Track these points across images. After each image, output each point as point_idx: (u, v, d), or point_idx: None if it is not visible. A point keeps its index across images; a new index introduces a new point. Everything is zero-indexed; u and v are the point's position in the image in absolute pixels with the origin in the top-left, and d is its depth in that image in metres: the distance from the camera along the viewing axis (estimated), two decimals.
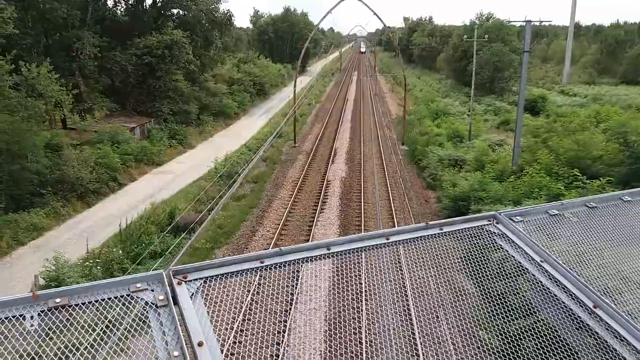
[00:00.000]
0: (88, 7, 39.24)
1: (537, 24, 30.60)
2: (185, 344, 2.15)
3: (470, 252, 3.20)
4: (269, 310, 2.67)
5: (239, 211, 25.28)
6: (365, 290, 3.22)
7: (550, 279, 2.97)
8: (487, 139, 35.77)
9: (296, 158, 36.98)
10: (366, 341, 11.80)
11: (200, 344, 2.16)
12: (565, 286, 2.92)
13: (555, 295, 2.89)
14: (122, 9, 47.62)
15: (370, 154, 38.05)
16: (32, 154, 26.21)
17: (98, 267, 19.35)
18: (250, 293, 2.63)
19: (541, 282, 2.98)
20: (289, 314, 12.51)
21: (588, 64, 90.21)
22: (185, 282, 2.48)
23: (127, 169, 31.98)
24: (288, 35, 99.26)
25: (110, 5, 46.61)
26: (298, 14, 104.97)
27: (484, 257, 3.23)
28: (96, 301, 2.28)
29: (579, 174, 21.25)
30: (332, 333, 11.13)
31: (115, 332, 2.24)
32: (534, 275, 3.02)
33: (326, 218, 24.83)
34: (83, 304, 2.26)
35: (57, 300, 2.23)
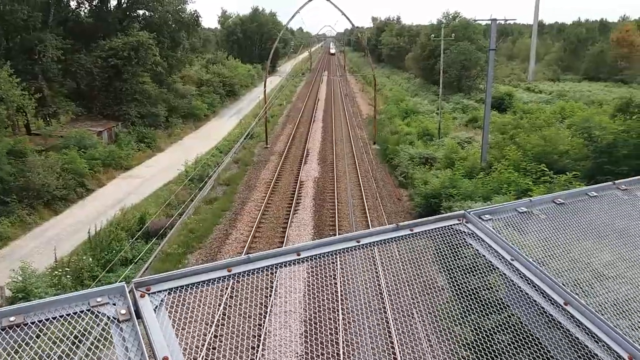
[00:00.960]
0: (50, 8, 38.17)
1: (502, 22, 31.19)
2: None
3: (441, 252, 3.19)
4: (241, 320, 2.58)
5: (211, 214, 24.97)
6: (340, 293, 3.17)
7: (521, 277, 2.98)
8: (456, 137, 36.27)
9: (268, 159, 36.78)
10: (343, 341, 11.80)
11: (165, 359, 2.08)
12: (536, 284, 2.93)
13: (526, 293, 2.90)
14: (85, 10, 46.59)
15: (343, 153, 38.14)
16: None
17: (67, 277, 18.84)
18: (220, 303, 2.54)
19: (512, 280, 2.99)
20: (264, 323, 12.32)
21: (552, 62, 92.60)
22: (149, 294, 2.38)
23: (94, 174, 31.25)
24: (257, 36, 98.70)
25: (73, 7, 45.55)
26: (266, 14, 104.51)
27: (455, 256, 3.22)
28: (54, 318, 2.17)
29: (546, 169, 21.71)
30: (310, 336, 11.09)
31: (75, 351, 2.13)
32: (504, 273, 3.02)
33: (300, 219, 24.75)
34: (40, 321, 2.14)
35: (11, 319, 2.10)
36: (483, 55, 51.25)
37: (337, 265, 2.92)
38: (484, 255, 3.16)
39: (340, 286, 2.98)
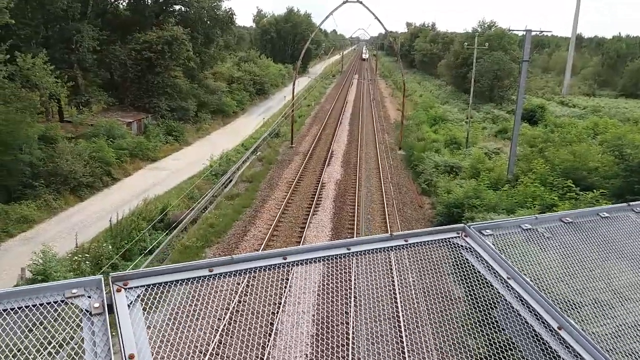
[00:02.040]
0: (89, 0, 39.07)
1: (538, 33, 30.54)
2: (115, 356, 2.03)
3: (435, 265, 3.09)
4: (209, 322, 2.53)
5: (232, 210, 25.13)
6: (319, 300, 3.10)
7: (516, 297, 2.86)
8: (484, 147, 35.69)
9: (292, 159, 36.86)
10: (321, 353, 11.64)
11: (131, 357, 2.04)
12: (531, 305, 2.80)
13: (520, 315, 2.78)
14: (124, 3, 47.61)
15: (367, 157, 37.96)
16: (26, 146, 26.05)
17: (87, 262, 19.23)
18: (198, 303, 2.49)
19: (506, 299, 2.87)
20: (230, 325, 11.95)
21: (588, 76, 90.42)
22: (125, 289, 2.35)
23: (121, 164, 31.84)
24: (290, 36, 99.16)
25: (112, 0, 46.56)
26: (301, 14, 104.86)
27: (450, 271, 3.12)
28: (26, 307, 2.16)
29: (572, 184, 21.16)
30: (283, 346, 10.82)
31: (42, 342, 2.11)
32: (499, 292, 2.91)
33: (319, 220, 24.71)
34: (12, 309, 2.13)
35: None
36: (516, 66, 50.35)
37: (323, 272, 2.85)
38: (480, 272, 3.04)
39: (324, 294, 2.91)
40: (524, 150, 30.38)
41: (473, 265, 3.07)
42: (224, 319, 10.55)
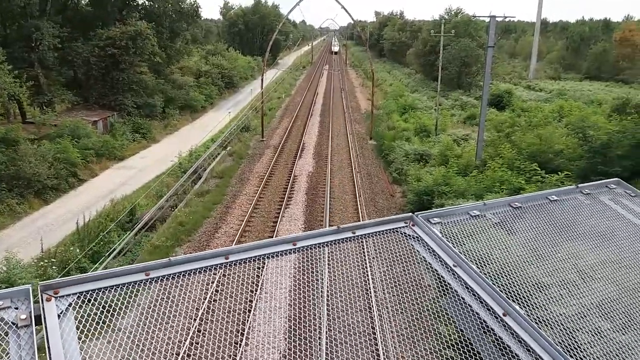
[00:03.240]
0: None
1: (502, 19, 30.91)
2: None
3: (384, 256, 3.07)
4: (159, 329, 2.44)
5: (202, 207, 24.85)
6: (258, 298, 3.05)
7: (462, 285, 2.86)
8: (453, 134, 36.08)
9: (263, 152, 36.65)
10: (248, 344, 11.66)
11: None
12: (476, 292, 2.81)
13: (467, 303, 2.79)
14: None
15: (339, 148, 37.99)
16: None
17: (53, 267, 18.76)
18: (135, 309, 2.41)
19: (453, 288, 2.87)
20: (189, 332, 11.19)
21: (554, 60, 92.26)
22: (56, 297, 2.26)
23: (87, 164, 31.11)
24: (259, 28, 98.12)
25: None
26: (269, 5, 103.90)
27: (399, 261, 3.11)
28: None
29: (537, 168, 21.57)
30: (233, 343, 10.65)
31: None
32: (445, 280, 2.91)
33: (292, 214, 24.65)
34: None
35: None
36: (484, 52, 50.87)
37: (267, 269, 2.80)
38: (427, 261, 3.04)
39: (266, 291, 2.87)
40: (491, 135, 30.83)
41: (421, 254, 3.07)
42: (170, 325, 10.45)
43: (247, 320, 10.54)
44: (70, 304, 2.25)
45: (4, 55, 27.91)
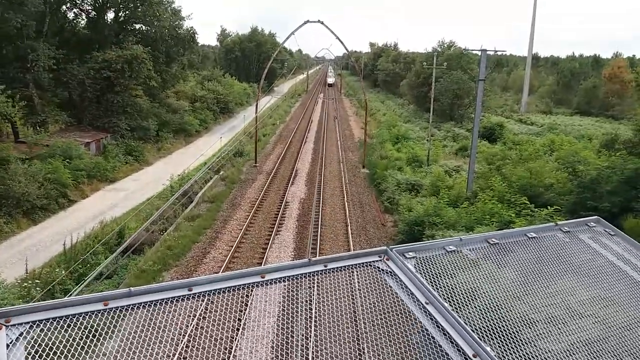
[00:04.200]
0: (45, 17, 38.22)
1: (493, 53, 31.44)
2: None
3: (356, 291, 3.01)
4: None
5: (192, 232, 24.62)
6: (238, 330, 2.96)
7: (433, 324, 2.80)
8: (444, 165, 36.27)
9: (256, 178, 36.60)
10: None
11: None
12: (447, 332, 2.75)
13: (436, 341, 2.72)
14: (82, 22, 46.80)
15: (331, 176, 38.03)
16: None
17: (37, 289, 18.42)
18: (91, 341, 2.32)
19: (424, 326, 2.80)
20: None
21: (545, 94, 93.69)
22: (7, 326, 2.18)
23: (78, 185, 30.91)
24: (255, 55, 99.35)
25: (71, 17, 45.77)
26: (265, 34, 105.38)
27: (371, 297, 3.04)
28: None
29: (527, 201, 21.61)
30: None
31: None
32: (417, 318, 2.85)
33: (282, 240, 24.47)
34: None
35: None
36: (475, 85, 51.69)
37: (234, 303, 2.73)
38: (400, 297, 2.98)
39: (237, 328, 2.77)
40: (482, 167, 31.00)
41: (393, 290, 3.01)
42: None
43: None
44: (21, 334, 2.17)
45: (2, 76, 27.92)
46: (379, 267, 3.12)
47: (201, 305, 2.59)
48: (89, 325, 2.30)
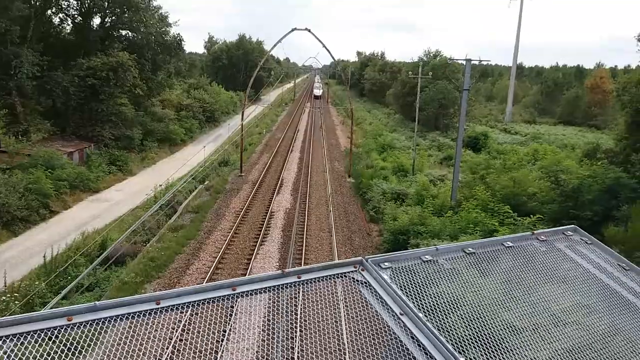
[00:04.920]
0: (30, 22, 37.77)
1: (477, 62, 31.82)
2: None
3: (330, 302, 2.97)
4: None
5: (175, 243, 24.36)
6: (202, 350, 2.90)
7: (407, 334, 2.77)
8: (429, 174, 36.50)
9: (241, 187, 36.43)
10: None
11: None
12: (421, 342, 2.72)
13: (410, 353, 2.68)
14: (68, 27, 46.40)
15: (317, 185, 38.01)
16: None
17: (16, 302, 18.04)
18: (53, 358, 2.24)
19: (398, 337, 2.77)
20: None
21: (529, 104, 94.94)
22: None
23: (60, 196, 30.45)
24: (242, 63, 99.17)
25: (56, 22, 45.34)
26: (253, 42, 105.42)
27: (345, 308, 3.00)
28: None
29: (510, 210, 21.80)
30: None
31: None
32: (391, 328, 2.81)
33: (266, 251, 24.33)
34: None
35: None
36: (460, 95, 52.21)
37: (204, 317, 2.67)
38: (374, 308, 2.95)
39: (202, 343, 2.71)
40: (466, 177, 31.22)
41: (368, 301, 2.98)
42: None
43: None
44: None
45: None
46: (354, 278, 3.08)
47: (169, 319, 2.53)
48: (50, 342, 2.22)
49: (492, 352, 2.88)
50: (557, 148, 46.61)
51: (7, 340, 2.15)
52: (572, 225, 4.39)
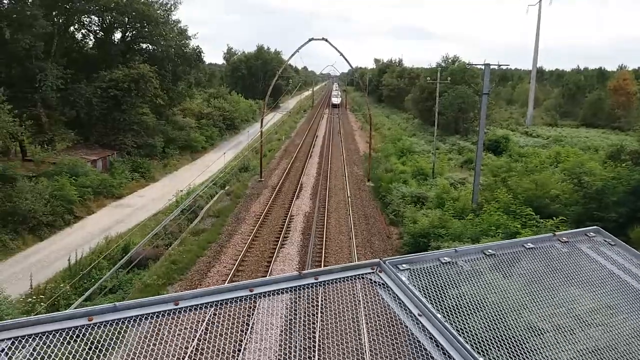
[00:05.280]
0: (53, 38, 38.79)
1: (496, 67, 31.50)
2: None
3: (348, 303, 2.96)
4: None
5: (197, 246, 24.63)
6: (223, 351, 2.91)
7: (426, 336, 2.74)
8: (450, 177, 36.16)
9: (261, 192, 36.62)
10: None
11: None
12: (441, 344, 2.69)
13: (429, 354, 2.66)
14: (91, 42, 47.52)
15: (336, 189, 37.99)
16: None
17: (42, 304, 18.43)
18: (73, 357, 2.28)
19: (417, 338, 2.75)
20: None
21: (551, 107, 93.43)
22: None
23: (84, 202, 31.09)
24: (261, 72, 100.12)
25: (79, 38, 46.49)
26: (271, 52, 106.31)
27: (363, 309, 2.99)
28: None
29: (532, 212, 21.47)
30: None
31: None
32: (410, 330, 2.79)
33: (286, 254, 24.40)
34: None
35: None
36: (480, 99, 51.71)
37: (224, 317, 2.68)
38: (393, 310, 2.93)
39: (218, 344, 2.72)
40: (487, 179, 30.86)
41: (386, 302, 2.96)
42: None
43: None
44: (2, 350, 2.14)
45: (4, 95, 28.32)
46: (371, 280, 3.07)
47: (189, 319, 2.56)
48: (72, 341, 2.26)
49: (514, 353, 2.84)
50: (579, 150, 45.77)
51: (30, 340, 2.20)
52: (595, 227, 4.30)
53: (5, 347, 2.15)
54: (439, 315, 2.81)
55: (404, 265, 3.19)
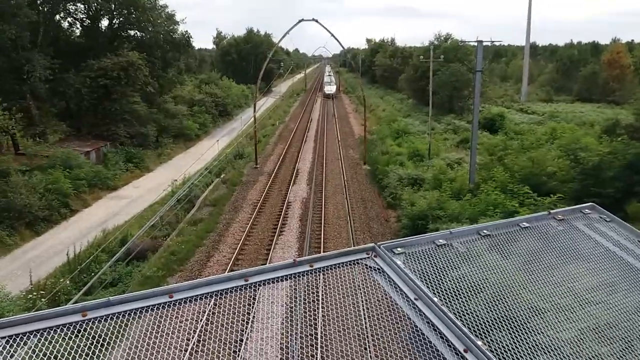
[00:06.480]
0: (39, 28, 38.19)
1: (489, 44, 31.28)
2: None
3: (343, 290, 2.95)
4: None
5: (195, 236, 24.62)
6: (204, 341, 2.90)
7: (422, 319, 2.74)
8: (446, 158, 36.12)
9: (257, 179, 36.55)
10: None
11: None
12: (437, 327, 2.69)
13: (426, 337, 2.65)
14: (77, 30, 46.86)
15: (333, 174, 37.96)
16: None
17: (42, 300, 18.44)
18: (70, 353, 2.26)
19: (413, 322, 2.74)
20: None
21: (545, 83, 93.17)
22: None
23: (79, 195, 30.93)
24: (252, 56, 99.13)
25: (65, 27, 45.79)
26: (261, 35, 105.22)
27: (359, 295, 2.98)
28: None
29: (529, 190, 21.51)
30: None
31: None
32: (406, 313, 2.78)
33: (285, 241, 24.44)
34: None
35: None
36: (474, 77, 51.41)
37: (224, 308, 2.66)
38: (389, 294, 2.92)
39: (213, 335, 2.71)
40: (484, 159, 30.86)
41: (382, 287, 2.95)
42: None
43: None
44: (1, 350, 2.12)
45: None
46: (366, 265, 3.05)
47: (184, 311, 2.53)
48: (67, 338, 2.24)
49: (516, 334, 2.84)
50: (575, 126, 45.72)
51: (25, 337, 2.17)
52: (590, 204, 4.29)
53: (0, 346, 2.12)
54: (435, 299, 2.80)
55: (399, 249, 3.17)
